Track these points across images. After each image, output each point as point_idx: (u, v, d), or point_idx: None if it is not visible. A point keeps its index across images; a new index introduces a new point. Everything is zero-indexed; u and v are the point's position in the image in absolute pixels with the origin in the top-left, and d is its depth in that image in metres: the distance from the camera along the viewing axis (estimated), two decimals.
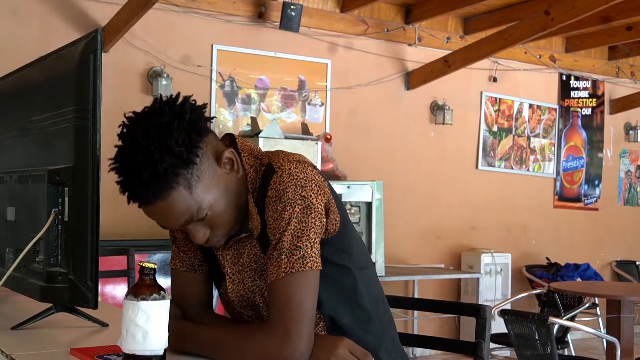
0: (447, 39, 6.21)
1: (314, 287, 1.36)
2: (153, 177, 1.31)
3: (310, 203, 1.37)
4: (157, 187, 1.33)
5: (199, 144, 1.36)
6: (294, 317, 1.32)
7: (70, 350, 1.43)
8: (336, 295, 1.48)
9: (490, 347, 5.49)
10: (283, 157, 1.41)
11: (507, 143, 6.75)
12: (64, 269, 1.61)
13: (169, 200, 1.34)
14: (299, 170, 1.38)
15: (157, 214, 1.38)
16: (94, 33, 1.56)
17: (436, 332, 6.05)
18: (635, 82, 7.44)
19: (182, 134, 1.34)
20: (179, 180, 1.33)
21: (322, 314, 1.47)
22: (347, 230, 1.49)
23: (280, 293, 1.35)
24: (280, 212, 1.36)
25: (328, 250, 1.43)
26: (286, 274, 1.34)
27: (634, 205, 7.65)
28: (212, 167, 1.39)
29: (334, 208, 1.45)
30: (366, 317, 1.52)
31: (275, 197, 1.37)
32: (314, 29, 5.64)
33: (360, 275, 1.52)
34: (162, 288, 1.28)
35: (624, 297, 4.57)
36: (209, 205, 1.38)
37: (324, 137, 5.41)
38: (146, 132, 1.33)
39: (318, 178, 1.41)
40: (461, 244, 6.44)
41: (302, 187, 1.37)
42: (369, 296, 1.53)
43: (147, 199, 1.35)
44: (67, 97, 1.60)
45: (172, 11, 5.09)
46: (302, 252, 1.35)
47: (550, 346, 3.57)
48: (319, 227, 1.38)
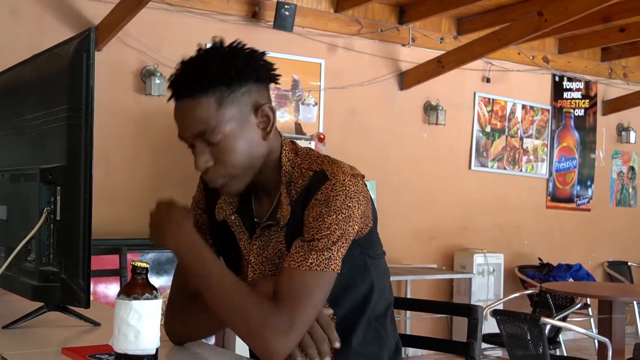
0: (441, 40, 6.22)
1: (329, 287, 1.43)
2: (198, 72, 1.42)
3: (352, 213, 1.44)
4: (195, 82, 1.42)
5: (249, 79, 1.45)
6: (302, 310, 1.38)
7: (62, 350, 1.43)
8: (352, 298, 1.54)
9: (482, 347, 5.48)
10: (337, 168, 1.47)
11: (500, 143, 6.77)
12: (56, 268, 1.61)
13: (197, 102, 1.42)
14: (352, 183, 1.45)
15: (181, 113, 1.45)
16: (87, 32, 1.56)
17: (429, 332, 6.06)
18: (628, 83, 7.47)
19: (242, 63, 1.44)
20: (215, 90, 1.42)
21: (335, 314, 1.52)
22: (374, 230, 1.57)
23: (297, 283, 1.40)
24: (325, 216, 1.42)
25: (355, 251, 1.51)
26: (309, 268, 1.40)
27: (626, 206, 7.69)
28: (248, 108, 1.46)
29: (370, 216, 1.53)
30: (377, 324, 1.58)
31: (324, 200, 1.43)
32: (307, 28, 5.64)
33: (378, 276, 1.58)
34: (155, 287, 1.28)
35: (615, 298, 4.59)
36: (226, 133, 1.43)
37: (318, 137, 5.41)
38: (217, 47, 1.46)
39: (366, 190, 1.50)
40: (454, 244, 6.46)
41: (350, 199, 1.44)
42: (382, 303, 1.60)
43: (181, 90, 1.44)
44: (60, 96, 1.60)
45: (166, 10, 5.08)
46: (330, 255, 1.41)
47: (542, 346, 3.59)
48: (353, 234, 1.46)
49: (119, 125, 4.87)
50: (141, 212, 4.93)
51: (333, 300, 1.50)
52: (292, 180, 1.50)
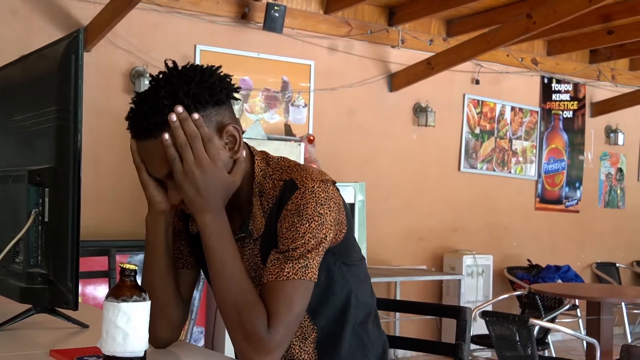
0: (430, 41, 6.24)
1: (308, 296, 1.41)
2: (151, 111, 1.38)
3: (325, 220, 1.42)
4: (151, 122, 1.38)
5: (206, 105, 1.41)
6: (286, 322, 1.36)
7: (50, 352, 1.42)
8: (331, 307, 1.53)
9: (471, 348, 5.47)
10: (306, 175, 1.45)
11: (489, 145, 6.79)
12: (44, 270, 1.60)
13: (159, 141, 1.38)
14: (321, 190, 1.44)
15: (146, 153, 1.42)
16: (76, 33, 1.55)
17: (418, 333, 6.08)
18: (616, 85, 7.52)
19: (196, 89, 1.39)
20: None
21: (316, 324, 1.53)
22: (349, 237, 1.55)
23: (278, 295, 1.38)
24: (297, 225, 1.40)
25: (329, 260, 1.49)
26: (287, 278, 1.38)
27: (614, 207, 7.73)
28: (211, 132, 1.42)
29: (344, 221, 1.51)
30: (359, 330, 1.57)
31: (295, 210, 1.42)
32: (297, 30, 5.64)
33: (356, 282, 1.56)
34: (143, 289, 1.28)
35: (603, 299, 4.61)
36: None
37: (307, 139, 5.41)
38: (169, 77, 1.41)
39: (337, 196, 1.48)
40: (443, 245, 6.47)
41: (321, 205, 1.42)
42: (363, 308, 1.59)
43: (140, 132, 1.41)
44: (49, 97, 1.59)
45: (155, 11, 5.07)
46: (306, 262, 1.40)
47: (530, 347, 3.60)
48: (328, 242, 1.44)
49: (108, 126, 4.85)
50: (130, 213, 4.97)
51: (312, 311, 1.50)
52: (264, 190, 1.49)
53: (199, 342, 4.71)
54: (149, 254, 1.50)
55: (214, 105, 1.43)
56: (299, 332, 1.53)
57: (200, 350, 2.04)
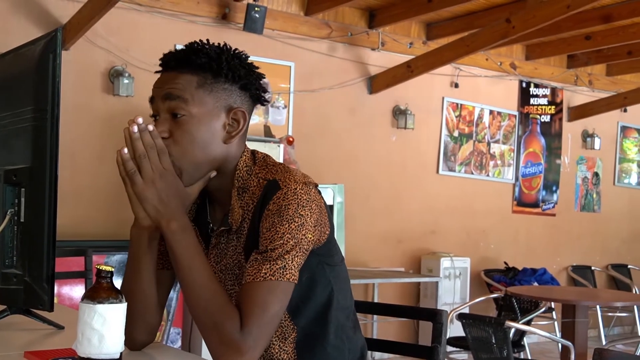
0: (410, 45, 6.27)
1: (286, 298, 1.41)
2: (194, 51, 1.47)
3: (305, 222, 1.43)
4: (185, 57, 1.47)
5: (235, 81, 1.49)
6: (261, 323, 1.37)
7: (25, 354, 1.42)
8: (312, 307, 1.54)
9: (448, 350, 5.49)
10: (289, 177, 1.47)
11: (467, 148, 6.83)
12: (20, 271, 1.60)
13: (181, 75, 1.46)
14: (303, 192, 1.45)
15: (161, 80, 1.49)
16: (54, 32, 1.55)
17: (396, 335, 6.10)
18: (593, 90, 7.60)
19: (236, 64, 1.49)
20: (200, 73, 1.47)
21: (296, 325, 1.53)
22: (331, 239, 1.56)
23: (254, 296, 1.38)
24: (277, 225, 1.41)
25: (313, 261, 1.50)
26: (264, 279, 1.38)
27: (590, 211, 7.81)
28: (222, 104, 1.48)
29: (327, 223, 1.52)
30: (339, 331, 1.58)
31: (276, 210, 1.43)
32: (277, 31, 5.64)
33: (337, 284, 1.58)
34: (119, 291, 1.28)
35: (578, 302, 4.66)
36: (192, 113, 1.45)
37: (287, 140, 5.42)
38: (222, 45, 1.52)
39: (319, 198, 1.49)
40: (421, 247, 6.50)
41: (302, 207, 1.43)
42: (343, 311, 1.60)
43: (171, 60, 1.48)
44: (26, 97, 1.59)
45: (135, 10, 5.04)
46: (285, 264, 1.40)
47: (506, 349, 3.63)
48: (308, 244, 1.44)
49: (86, 125, 4.82)
50: (107, 213, 4.94)
51: (294, 311, 1.51)
52: (247, 187, 1.50)
53: (175, 343, 4.69)
54: (130, 265, 1.50)
55: (241, 88, 1.51)
56: (279, 332, 1.53)
57: (176, 352, 2.04)
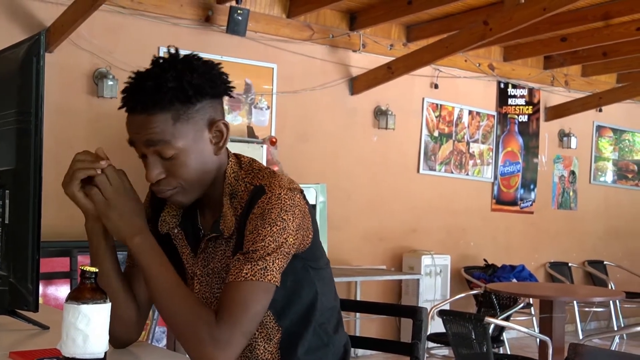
0: (391, 46, 6.34)
1: (266, 299, 1.44)
2: (154, 89, 1.41)
3: (287, 226, 1.45)
4: (151, 99, 1.41)
5: (205, 96, 1.46)
6: (239, 322, 1.39)
7: (10, 354, 1.41)
8: (296, 309, 1.57)
9: (428, 346, 5.55)
10: (275, 182, 1.49)
11: (447, 148, 6.92)
12: (4, 272, 1.60)
13: (153, 118, 1.42)
14: (287, 197, 1.47)
15: (134, 125, 1.45)
16: (38, 36, 1.55)
17: (378, 332, 6.17)
18: (569, 90, 7.71)
19: (199, 79, 1.44)
20: (171, 107, 1.43)
21: (281, 326, 1.56)
22: (316, 243, 1.59)
23: (234, 295, 1.41)
24: (259, 228, 1.44)
25: (297, 264, 1.53)
26: (245, 279, 1.41)
27: (567, 209, 7.92)
28: (202, 124, 1.47)
29: (310, 228, 1.55)
30: (322, 333, 1.61)
31: (260, 214, 1.45)
32: (260, 33, 5.69)
33: (322, 287, 1.61)
34: (104, 292, 1.29)
35: (556, 298, 4.74)
36: (180, 148, 1.45)
37: (270, 140, 5.47)
38: (173, 61, 1.45)
39: (302, 204, 1.51)
40: (402, 245, 6.57)
41: (285, 212, 1.46)
42: (327, 311, 1.63)
43: (137, 105, 1.43)
44: (9, 99, 1.59)
45: (119, 13, 5.07)
46: (266, 265, 1.42)
47: (486, 345, 3.70)
48: (289, 247, 1.47)
49: (70, 127, 4.84)
50: None
51: (279, 313, 1.54)
52: (235, 192, 1.52)
53: (161, 342, 4.73)
54: (92, 257, 1.54)
55: (211, 98, 1.49)
56: (264, 333, 1.55)
57: (161, 351, 2.05)
